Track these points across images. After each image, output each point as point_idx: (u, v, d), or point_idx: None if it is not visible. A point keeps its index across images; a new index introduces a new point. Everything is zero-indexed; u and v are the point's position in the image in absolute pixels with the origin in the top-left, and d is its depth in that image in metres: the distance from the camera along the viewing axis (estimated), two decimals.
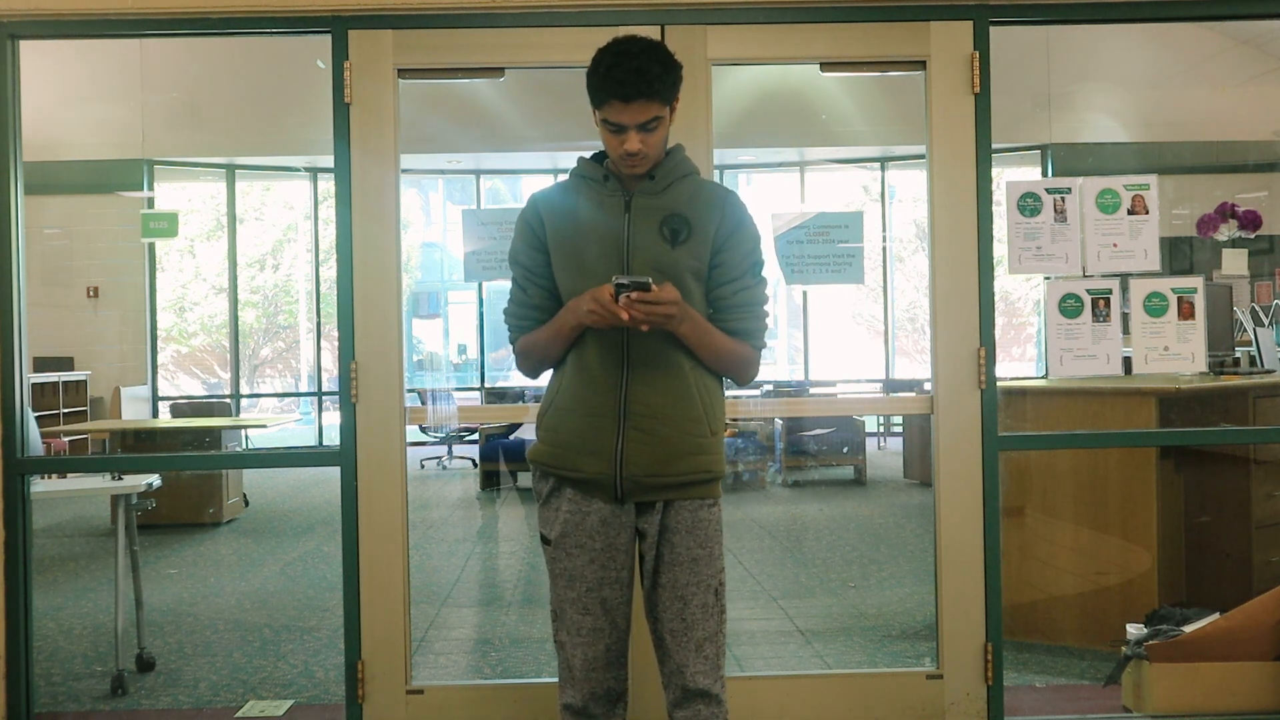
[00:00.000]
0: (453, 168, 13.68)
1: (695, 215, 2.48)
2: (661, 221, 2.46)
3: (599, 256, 2.46)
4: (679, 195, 2.50)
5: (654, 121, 2.42)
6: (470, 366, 14.70)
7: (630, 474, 2.45)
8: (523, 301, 2.58)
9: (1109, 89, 10.79)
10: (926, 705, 3.59)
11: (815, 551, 6.87)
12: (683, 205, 2.49)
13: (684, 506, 2.48)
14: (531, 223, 2.56)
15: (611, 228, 2.48)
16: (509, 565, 6.93)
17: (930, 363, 3.63)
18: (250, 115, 11.53)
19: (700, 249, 2.47)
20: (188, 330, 16.05)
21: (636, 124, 2.40)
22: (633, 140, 2.41)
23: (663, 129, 2.46)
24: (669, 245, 2.46)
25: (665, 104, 2.43)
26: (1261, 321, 6.69)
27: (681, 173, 2.53)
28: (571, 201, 2.53)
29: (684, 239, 2.46)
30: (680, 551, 2.47)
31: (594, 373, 2.47)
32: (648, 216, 2.47)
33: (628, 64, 2.37)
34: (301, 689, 4.29)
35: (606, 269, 2.44)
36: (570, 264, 2.50)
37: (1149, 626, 3.88)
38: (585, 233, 2.49)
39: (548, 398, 2.56)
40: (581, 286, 2.46)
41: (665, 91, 2.42)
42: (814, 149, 12.92)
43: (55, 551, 7.20)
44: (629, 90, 2.37)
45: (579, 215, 2.51)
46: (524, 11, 3.51)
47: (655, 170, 2.50)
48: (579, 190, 2.54)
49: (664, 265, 2.44)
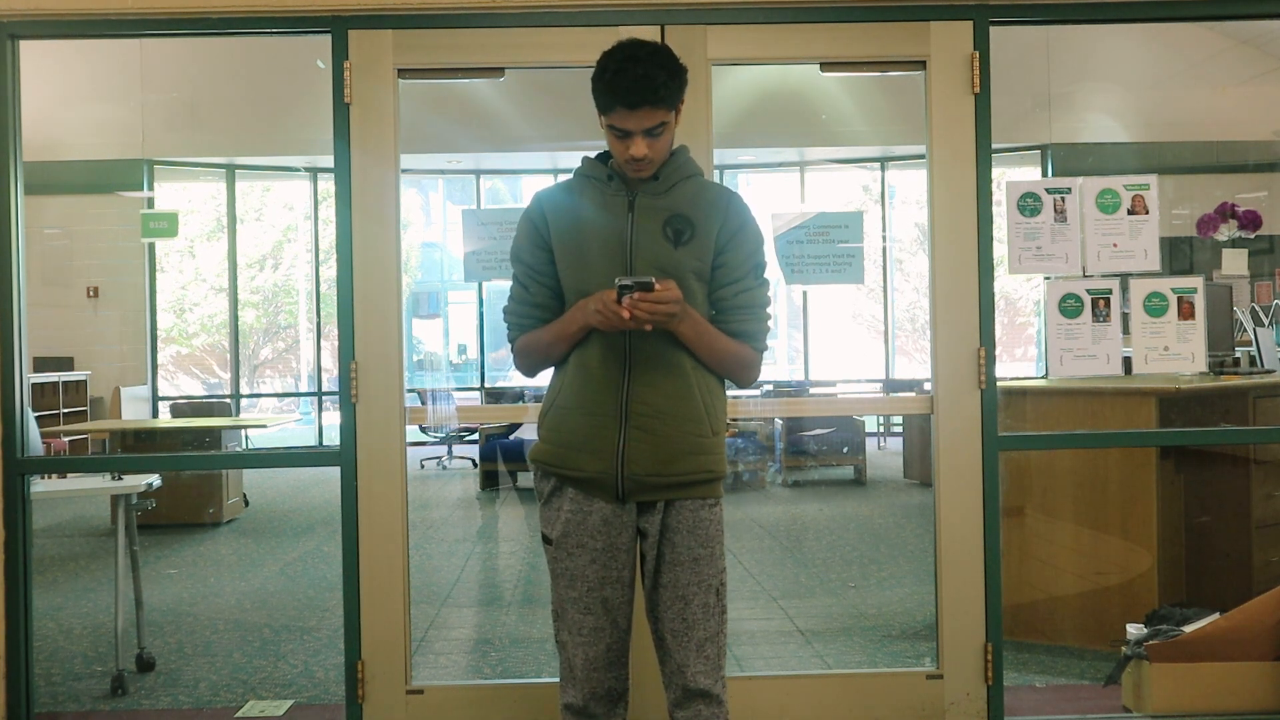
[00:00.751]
0: (453, 168, 13.69)
1: (698, 216, 2.48)
2: (665, 222, 2.47)
3: (602, 256, 2.47)
4: (682, 196, 2.50)
5: (659, 127, 2.42)
6: (470, 366, 14.71)
7: (631, 473, 2.44)
8: (524, 300, 2.57)
9: (1109, 89, 10.79)
10: (926, 705, 3.59)
11: (815, 551, 6.87)
12: (686, 206, 2.49)
13: (685, 506, 2.48)
14: (535, 221, 2.56)
15: (615, 227, 2.48)
16: (509, 565, 6.93)
17: (930, 363, 3.63)
18: (250, 115, 11.53)
19: (703, 250, 2.47)
20: (188, 330, 16.04)
21: (642, 130, 2.40)
22: (638, 146, 2.42)
23: (668, 133, 2.46)
24: (672, 246, 2.46)
25: (670, 109, 2.43)
26: (1261, 321, 6.69)
27: (685, 174, 2.53)
28: (575, 201, 2.53)
29: (687, 240, 2.46)
30: (681, 551, 2.47)
31: (596, 372, 2.47)
32: (651, 217, 2.47)
33: (633, 71, 2.37)
34: (301, 689, 4.29)
35: (610, 268, 2.44)
36: (574, 263, 2.50)
37: (1149, 626, 3.88)
38: (589, 232, 2.49)
39: (549, 397, 2.56)
40: (586, 286, 2.46)
41: (670, 98, 2.42)
42: (814, 149, 12.92)
43: (55, 551, 7.19)
44: (634, 98, 2.37)
45: (583, 215, 2.51)
46: (524, 11, 3.51)
47: (659, 171, 2.50)
48: (583, 190, 2.54)
49: (667, 265, 2.44)
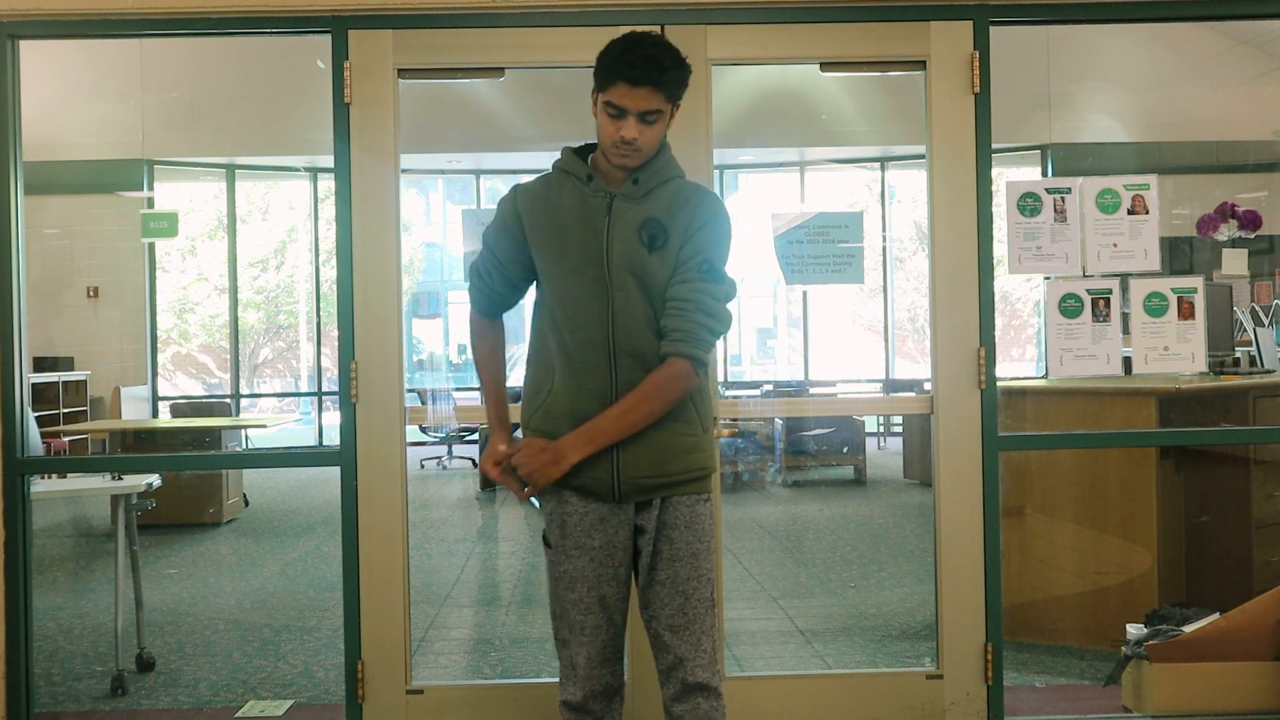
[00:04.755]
0: (453, 168, 13.68)
1: (671, 220, 2.46)
2: (640, 226, 2.46)
3: (581, 256, 2.47)
4: (659, 200, 2.48)
5: (655, 114, 2.41)
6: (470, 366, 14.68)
7: (628, 477, 2.46)
8: (484, 280, 2.62)
9: (1109, 89, 10.78)
10: (926, 705, 3.59)
11: (815, 551, 6.87)
12: (661, 211, 2.47)
13: (681, 502, 2.50)
14: (508, 215, 2.57)
15: (593, 229, 2.47)
16: (509, 565, 6.93)
17: (930, 363, 3.63)
18: (250, 115, 11.52)
19: (672, 253, 2.46)
20: (188, 331, 16.04)
21: (638, 111, 2.40)
22: (630, 126, 2.40)
23: (661, 125, 2.45)
24: (646, 250, 2.45)
25: (669, 101, 2.43)
26: (1261, 321, 6.68)
27: (664, 177, 2.51)
28: (555, 202, 2.52)
29: (660, 245, 2.45)
30: (680, 547, 2.49)
31: (583, 380, 2.47)
32: (627, 221, 2.46)
33: (642, 50, 2.39)
34: (301, 689, 4.29)
35: (590, 269, 2.45)
36: (554, 266, 2.50)
37: (1149, 626, 3.88)
38: (569, 233, 2.48)
39: (535, 399, 2.54)
40: (567, 287, 2.47)
41: (672, 86, 2.42)
42: (814, 149, 12.91)
43: (55, 551, 7.19)
44: (639, 74, 2.37)
45: (562, 214, 2.50)
46: (524, 11, 3.51)
47: (638, 174, 2.48)
48: (562, 188, 2.52)
49: (640, 270, 2.44)
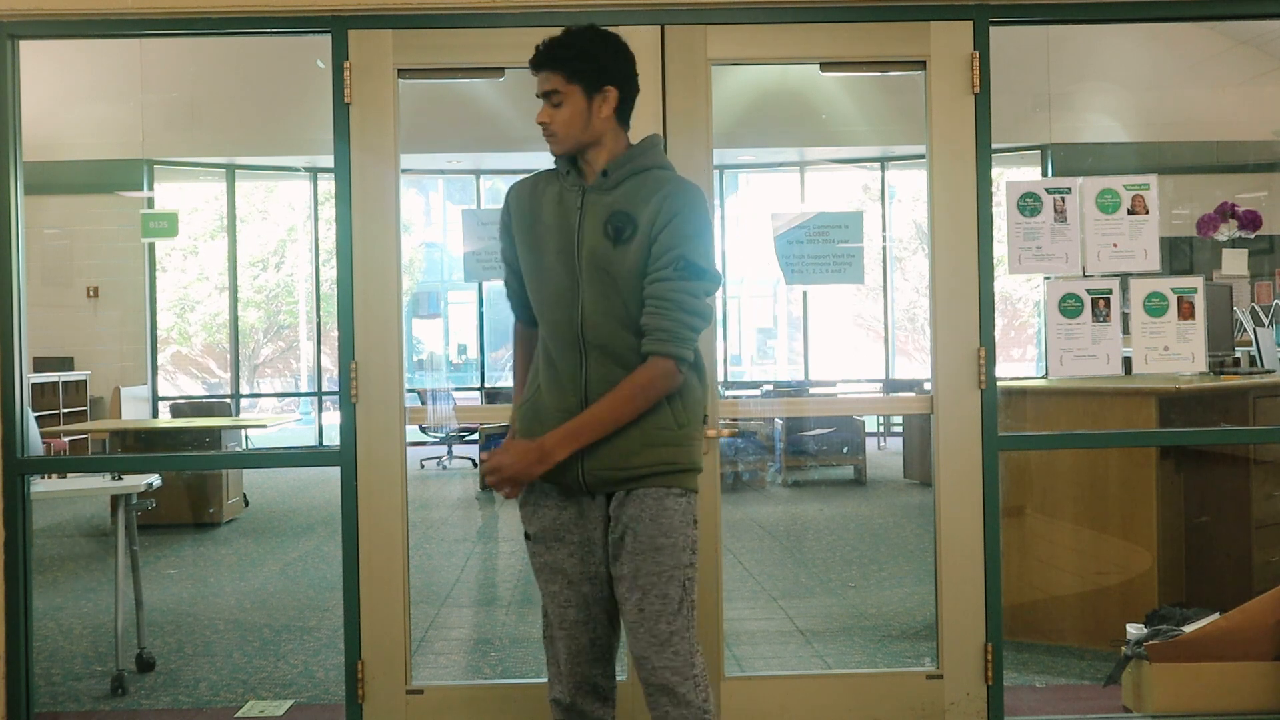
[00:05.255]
0: (453, 168, 13.67)
1: (639, 212, 2.43)
2: (606, 219, 2.44)
3: (554, 252, 2.48)
4: (627, 192, 2.46)
5: (554, 94, 2.44)
6: (470, 366, 14.70)
7: (591, 469, 2.44)
8: (507, 285, 2.67)
9: (1109, 89, 10.78)
10: (926, 705, 3.59)
11: (815, 551, 6.87)
12: (628, 203, 2.45)
13: (648, 494, 2.44)
14: (503, 214, 2.62)
15: (566, 224, 2.48)
16: (509, 565, 6.92)
17: (930, 363, 3.63)
18: (250, 115, 11.52)
19: (642, 246, 2.42)
20: (188, 331, 16.04)
21: (541, 93, 2.46)
22: (542, 111, 2.47)
23: (569, 108, 2.44)
24: (611, 244, 2.43)
25: (571, 81, 2.43)
26: (1261, 321, 6.68)
27: (637, 168, 2.48)
28: (540, 193, 2.54)
29: (628, 237, 2.42)
30: (643, 540, 2.43)
31: (562, 375, 2.48)
32: (596, 214, 2.46)
33: (552, 38, 2.45)
34: (301, 689, 4.29)
35: (562, 264, 2.46)
36: (531, 259, 2.53)
37: (1149, 626, 3.88)
38: (546, 227, 2.50)
39: (526, 396, 2.59)
40: (543, 282, 2.49)
41: (566, 64, 2.43)
42: (814, 149, 12.91)
43: (55, 551, 7.19)
44: (535, 58, 2.46)
45: (543, 209, 2.52)
46: (524, 11, 3.51)
47: (609, 165, 2.47)
48: (549, 183, 2.55)
49: (607, 264, 2.43)
